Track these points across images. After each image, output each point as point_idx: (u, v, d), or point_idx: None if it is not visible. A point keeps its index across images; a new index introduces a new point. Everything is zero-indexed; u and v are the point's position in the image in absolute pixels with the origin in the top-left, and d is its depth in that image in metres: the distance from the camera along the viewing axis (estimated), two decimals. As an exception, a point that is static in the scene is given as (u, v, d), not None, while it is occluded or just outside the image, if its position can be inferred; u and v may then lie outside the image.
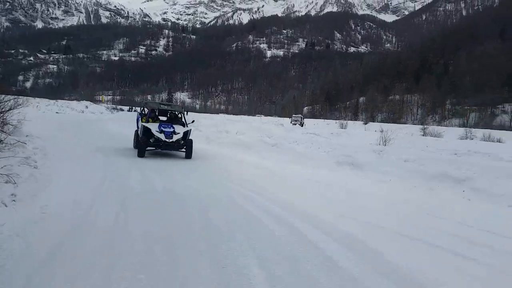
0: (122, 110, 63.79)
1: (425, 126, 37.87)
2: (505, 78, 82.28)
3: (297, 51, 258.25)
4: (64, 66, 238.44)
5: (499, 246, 3.85)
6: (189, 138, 10.31)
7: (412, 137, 21.77)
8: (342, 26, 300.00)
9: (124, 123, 23.34)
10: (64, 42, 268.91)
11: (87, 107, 51.84)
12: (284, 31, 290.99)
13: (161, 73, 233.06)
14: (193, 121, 11.55)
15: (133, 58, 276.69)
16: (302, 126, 40.38)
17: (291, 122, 45.25)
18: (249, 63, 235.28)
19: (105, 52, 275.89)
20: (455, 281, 2.95)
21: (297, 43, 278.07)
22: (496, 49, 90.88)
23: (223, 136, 15.91)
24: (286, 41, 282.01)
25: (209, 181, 7.13)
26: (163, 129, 9.49)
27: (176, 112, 11.39)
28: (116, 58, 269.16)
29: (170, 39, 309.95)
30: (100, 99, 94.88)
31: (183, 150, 9.88)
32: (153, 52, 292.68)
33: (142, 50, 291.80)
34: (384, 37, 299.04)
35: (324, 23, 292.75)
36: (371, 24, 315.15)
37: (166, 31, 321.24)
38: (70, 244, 3.35)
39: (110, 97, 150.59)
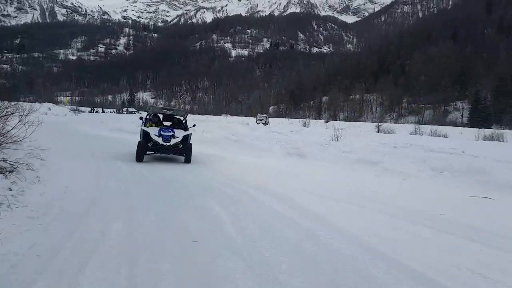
0: (82, 112, 61.45)
1: (380, 123, 40.93)
2: (457, 78, 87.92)
3: (261, 51, 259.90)
4: (18, 66, 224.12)
5: (376, 198, 6.01)
6: (190, 142, 10.05)
7: (361, 133, 24.75)
8: (305, 27, 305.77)
9: (93, 124, 24.82)
10: (17, 41, 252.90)
11: (50, 109, 49.66)
12: (248, 30, 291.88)
13: (122, 73, 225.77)
14: (194, 125, 11.06)
15: (92, 57, 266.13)
16: (266, 125, 41.08)
17: (256, 122, 45.99)
18: (214, 62, 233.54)
19: (62, 51, 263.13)
20: (339, 215, 4.81)
21: (262, 43, 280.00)
22: (448, 50, 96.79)
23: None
24: (250, 40, 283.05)
25: (183, 167, 8.98)
26: (162, 133, 9.35)
27: (181, 117, 11.14)
28: (74, 58, 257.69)
29: (131, 37, 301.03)
30: (64, 101, 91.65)
31: (183, 154, 9.67)
32: (113, 51, 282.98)
33: (101, 49, 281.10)
34: (345, 38, 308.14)
35: (287, 24, 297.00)
36: (333, 25, 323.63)
37: (127, 29, 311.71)
38: (98, 200, 5.06)
39: (69, 98, 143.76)
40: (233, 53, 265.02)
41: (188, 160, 9.55)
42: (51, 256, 2.92)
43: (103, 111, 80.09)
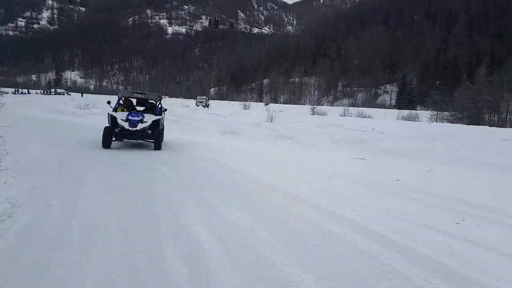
0: (6, 93, 56.31)
1: (314, 106, 43.97)
2: (387, 62, 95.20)
3: (200, 29, 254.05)
4: None
5: (278, 159, 8.38)
6: (161, 127, 9.58)
7: (294, 115, 26.98)
8: (245, 6, 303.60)
9: (27, 106, 24.27)
10: None
11: (-29, 90, 44.97)
12: (185, 6, 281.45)
13: (47, 50, 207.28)
14: (165, 110, 10.52)
15: (10, 32, 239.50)
16: (207, 107, 41.79)
17: (196, 104, 46.50)
18: (149, 39, 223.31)
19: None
20: (262, 174, 6.44)
21: (200, 20, 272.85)
22: (380, 35, 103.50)
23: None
24: (188, 17, 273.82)
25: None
26: (130, 118, 8.88)
27: (153, 101, 10.60)
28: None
29: (55, 11, 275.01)
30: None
31: (152, 141, 9.16)
32: (36, 26, 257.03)
33: (21, 23, 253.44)
34: (286, 19, 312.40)
35: (227, 1, 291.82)
36: (273, 5, 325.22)
37: (50, 1, 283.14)
38: (68, 161, 6.64)
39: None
40: (170, 30, 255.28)
41: (157, 147, 9.00)
42: (53, 190, 4.46)
43: (28, 92, 74.01)
